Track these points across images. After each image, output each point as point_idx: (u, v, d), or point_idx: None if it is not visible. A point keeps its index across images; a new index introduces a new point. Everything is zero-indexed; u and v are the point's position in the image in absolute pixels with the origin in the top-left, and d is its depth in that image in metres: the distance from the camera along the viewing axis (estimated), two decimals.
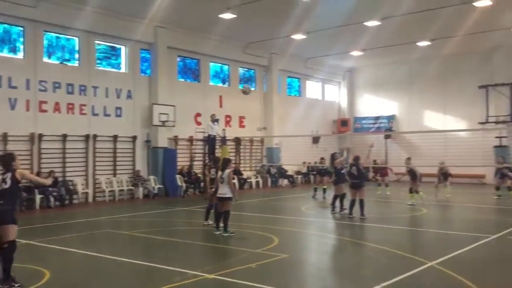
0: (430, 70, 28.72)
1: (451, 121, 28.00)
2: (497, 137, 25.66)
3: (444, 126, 27.94)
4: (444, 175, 19.66)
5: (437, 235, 11.68)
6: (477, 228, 12.25)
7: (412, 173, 17.35)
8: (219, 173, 11.39)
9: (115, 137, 19.79)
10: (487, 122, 26.53)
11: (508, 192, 18.08)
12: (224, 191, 11.17)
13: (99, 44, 19.93)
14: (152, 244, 10.79)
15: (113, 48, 20.55)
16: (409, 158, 18.15)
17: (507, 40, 24.50)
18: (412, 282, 7.36)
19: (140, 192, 19.98)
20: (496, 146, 25.47)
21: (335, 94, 32.89)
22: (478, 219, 14.32)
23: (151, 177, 20.59)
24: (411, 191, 16.82)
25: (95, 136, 19.13)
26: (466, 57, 27.32)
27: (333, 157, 15.65)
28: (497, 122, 26.27)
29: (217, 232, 11.28)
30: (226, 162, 11.55)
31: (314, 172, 24.06)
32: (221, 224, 11.29)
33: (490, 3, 17.64)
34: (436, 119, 28.69)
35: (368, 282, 7.18)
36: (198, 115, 23.27)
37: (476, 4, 17.85)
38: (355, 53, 26.77)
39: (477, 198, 19.63)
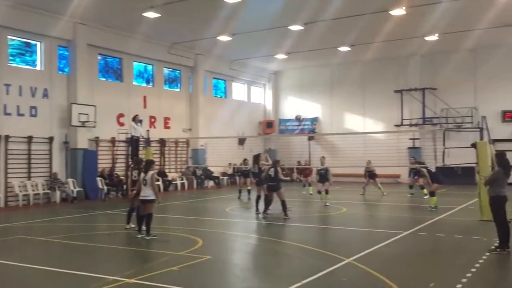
0: (351, 74, 30.00)
1: (370, 123, 29.42)
2: (411, 139, 27.32)
3: (363, 128, 29.31)
4: (370, 174, 20.57)
5: (354, 232, 12.18)
6: (392, 225, 12.94)
7: (324, 172, 17.54)
8: (142, 175, 11.14)
9: (29, 138, 18.72)
10: (402, 124, 28.14)
11: (421, 190, 19.25)
12: (146, 193, 10.94)
13: (12, 40, 18.78)
14: (69, 250, 10.32)
15: (27, 44, 19.44)
16: (323, 157, 18.46)
17: (421, 48, 26.14)
18: (330, 278, 7.62)
19: (58, 196, 19.03)
20: (409, 148, 27.07)
21: (261, 96, 33.34)
22: (393, 217, 15.13)
23: (70, 180, 19.69)
24: (327, 192, 17.34)
25: (7, 137, 17.97)
26: (384, 63, 28.83)
27: (256, 158, 15.86)
28: (410, 125, 27.94)
29: (140, 236, 11.03)
30: (149, 163, 11.32)
31: (239, 174, 24.24)
32: (144, 227, 11.04)
33: (404, 12, 18.72)
34: (356, 121, 29.97)
35: (289, 280, 7.33)
36: (121, 115, 22.62)
37: (391, 12, 18.86)
38: (280, 56, 27.30)
39: (392, 196, 20.68)
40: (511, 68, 25.92)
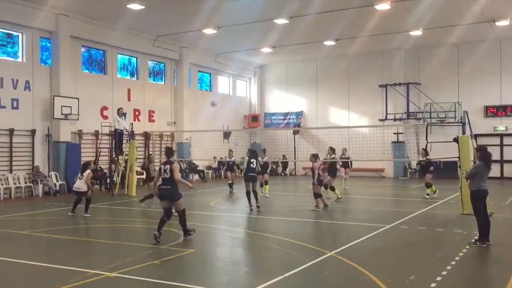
0: (336, 69, 30.08)
1: (355, 117, 29.56)
2: (395, 133, 27.53)
3: (348, 122, 29.45)
4: (344, 163, 20.14)
5: (337, 226, 12.26)
6: (374, 218, 13.02)
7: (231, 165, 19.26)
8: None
9: (11, 131, 18.46)
10: (386, 119, 28.33)
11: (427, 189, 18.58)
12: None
13: None
14: (51, 243, 10.23)
15: (9, 35, 19.12)
16: (231, 150, 20.74)
17: (405, 43, 26.28)
18: (312, 271, 7.65)
19: (40, 189, 18.82)
20: (394, 142, 27.28)
21: (246, 89, 33.28)
22: (375, 210, 15.22)
23: (52, 173, 19.49)
24: (266, 183, 17.91)
25: None
26: (368, 57, 28.95)
27: (254, 154, 15.89)
28: (394, 119, 28.14)
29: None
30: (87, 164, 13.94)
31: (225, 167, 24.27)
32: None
33: (389, 7, 18.79)
34: (341, 115, 30.09)
35: (272, 273, 7.35)
36: (105, 108, 22.41)
37: (377, 7, 18.91)
38: (265, 49, 27.24)
39: (376, 190, 20.83)
40: (493, 64, 26.21)
